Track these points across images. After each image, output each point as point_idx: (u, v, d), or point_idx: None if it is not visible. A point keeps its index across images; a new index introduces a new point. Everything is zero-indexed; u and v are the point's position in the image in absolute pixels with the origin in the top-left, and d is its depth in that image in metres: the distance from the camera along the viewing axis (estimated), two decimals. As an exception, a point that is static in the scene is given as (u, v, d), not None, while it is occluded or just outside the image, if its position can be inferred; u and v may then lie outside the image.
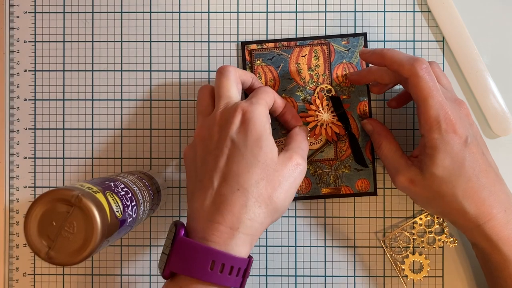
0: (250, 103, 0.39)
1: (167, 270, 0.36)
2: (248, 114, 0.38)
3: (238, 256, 0.36)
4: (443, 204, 0.41)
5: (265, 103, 0.40)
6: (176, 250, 0.36)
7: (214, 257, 0.35)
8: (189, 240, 0.36)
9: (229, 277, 0.36)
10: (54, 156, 0.49)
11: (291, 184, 0.39)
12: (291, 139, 0.42)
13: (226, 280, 0.36)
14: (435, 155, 0.39)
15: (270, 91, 0.42)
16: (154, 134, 0.49)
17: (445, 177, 0.39)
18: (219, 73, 0.42)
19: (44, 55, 0.49)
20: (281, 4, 0.49)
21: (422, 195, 0.41)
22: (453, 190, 0.39)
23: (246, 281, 0.38)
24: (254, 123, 0.38)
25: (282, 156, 0.39)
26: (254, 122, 0.38)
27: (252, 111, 0.38)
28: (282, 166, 0.38)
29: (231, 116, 0.39)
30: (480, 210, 0.39)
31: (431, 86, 0.39)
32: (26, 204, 0.49)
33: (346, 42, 0.48)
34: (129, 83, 0.49)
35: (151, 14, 0.49)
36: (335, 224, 0.49)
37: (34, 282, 0.49)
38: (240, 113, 0.38)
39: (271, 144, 0.38)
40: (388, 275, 0.49)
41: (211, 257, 0.35)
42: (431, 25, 0.49)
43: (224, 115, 0.39)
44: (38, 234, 0.33)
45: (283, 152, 0.40)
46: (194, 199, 0.38)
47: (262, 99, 0.40)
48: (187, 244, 0.36)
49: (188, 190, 0.40)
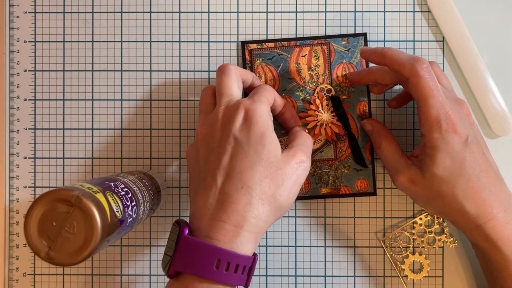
0: (252, 100, 0.39)
1: (172, 269, 0.36)
2: (251, 111, 0.38)
3: (243, 254, 0.36)
4: (443, 204, 0.41)
5: (267, 101, 0.40)
6: (181, 249, 0.36)
7: (220, 256, 0.35)
8: (193, 239, 0.36)
9: (235, 275, 0.36)
10: (54, 156, 0.49)
11: (294, 181, 0.38)
12: (294, 136, 0.42)
13: (231, 278, 0.36)
14: (435, 154, 0.39)
15: (270, 89, 0.42)
16: (154, 134, 0.49)
17: (445, 177, 0.39)
18: (220, 71, 0.42)
19: (44, 55, 0.49)
20: (281, 4, 0.49)
21: (422, 195, 0.41)
22: (453, 190, 0.39)
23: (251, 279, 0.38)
24: (257, 121, 0.38)
25: (285, 153, 0.39)
26: (257, 120, 0.38)
27: (255, 109, 0.38)
28: (285, 164, 0.38)
29: (233, 114, 0.39)
30: (480, 210, 0.39)
31: (431, 85, 0.39)
32: (26, 204, 0.49)
33: (346, 42, 0.48)
34: (129, 83, 0.49)
35: (151, 14, 0.49)
36: (335, 224, 0.49)
37: (34, 282, 0.49)
38: (242, 110, 0.38)
39: (275, 141, 0.38)
40: (388, 275, 0.49)
41: (217, 256, 0.35)
42: (431, 25, 0.49)
43: (226, 113, 0.39)
44: (38, 234, 0.33)
45: (286, 149, 0.40)
46: (197, 198, 0.38)
47: (263, 97, 0.40)
48: (192, 243, 0.36)
49: (191, 189, 0.40)
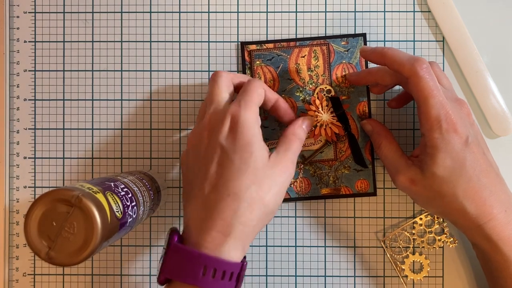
0: (238, 106, 0.39)
1: (162, 276, 0.37)
2: (237, 118, 0.38)
3: (230, 261, 0.36)
4: (443, 204, 0.41)
5: (255, 104, 0.40)
6: (170, 256, 0.36)
7: (206, 263, 0.35)
8: (181, 246, 0.36)
9: (222, 282, 0.36)
10: (54, 156, 0.49)
11: (280, 188, 0.39)
12: (282, 140, 0.42)
13: (219, 285, 0.36)
14: (436, 154, 0.39)
15: (258, 85, 0.41)
16: (154, 134, 0.49)
17: (446, 177, 0.39)
18: (210, 80, 0.42)
19: (44, 55, 0.49)
20: (281, 4, 0.49)
21: (422, 194, 0.41)
22: (454, 190, 0.39)
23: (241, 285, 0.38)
24: (242, 128, 0.38)
25: (272, 159, 0.39)
26: (243, 127, 0.38)
27: (241, 116, 0.38)
28: (271, 171, 0.38)
29: (220, 121, 0.38)
30: (480, 210, 0.39)
31: (431, 85, 0.39)
32: (26, 204, 0.49)
33: (345, 42, 0.48)
34: (129, 83, 0.49)
35: (151, 14, 0.49)
36: (335, 224, 0.49)
37: (34, 282, 0.49)
38: (229, 118, 0.38)
39: (261, 148, 0.38)
40: (388, 275, 0.49)
41: (203, 263, 0.35)
42: (431, 25, 0.49)
43: (213, 121, 0.39)
44: (38, 235, 0.34)
45: (273, 154, 0.40)
46: (188, 206, 0.39)
47: (250, 101, 0.39)
48: (180, 250, 0.36)
49: (183, 197, 0.40)
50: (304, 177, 0.48)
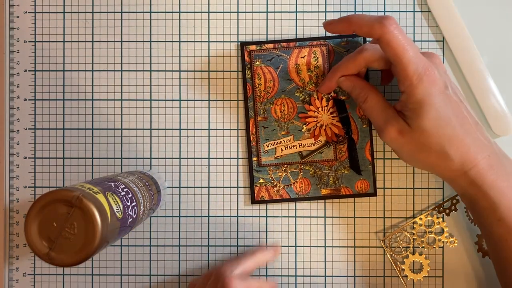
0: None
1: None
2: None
3: None
4: (429, 156, 0.41)
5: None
6: None
7: None
8: None
9: None
10: (54, 156, 0.49)
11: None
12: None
13: None
14: (420, 108, 0.39)
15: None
16: (154, 134, 0.49)
17: (433, 129, 0.39)
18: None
19: (44, 55, 0.49)
20: (281, 4, 0.49)
21: (409, 147, 0.41)
22: (440, 140, 0.40)
23: None
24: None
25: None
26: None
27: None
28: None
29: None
30: (465, 157, 0.40)
31: (403, 42, 0.39)
32: (26, 204, 0.49)
33: (345, 43, 0.48)
34: (129, 83, 0.49)
35: (151, 14, 0.49)
36: (335, 224, 0.49)
37: (34, 282, 0.49)
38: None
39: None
40: (388, 275, 0.49)
41: None
42: (431, 25, 0.49)
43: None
44: (38, 235, 0.34)
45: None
46: None
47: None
48: None
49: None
50: (304, 177, 0.48)
